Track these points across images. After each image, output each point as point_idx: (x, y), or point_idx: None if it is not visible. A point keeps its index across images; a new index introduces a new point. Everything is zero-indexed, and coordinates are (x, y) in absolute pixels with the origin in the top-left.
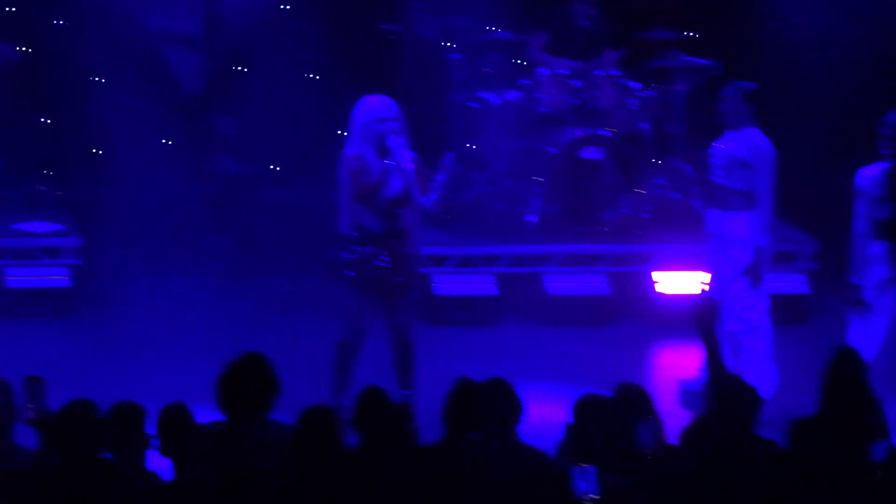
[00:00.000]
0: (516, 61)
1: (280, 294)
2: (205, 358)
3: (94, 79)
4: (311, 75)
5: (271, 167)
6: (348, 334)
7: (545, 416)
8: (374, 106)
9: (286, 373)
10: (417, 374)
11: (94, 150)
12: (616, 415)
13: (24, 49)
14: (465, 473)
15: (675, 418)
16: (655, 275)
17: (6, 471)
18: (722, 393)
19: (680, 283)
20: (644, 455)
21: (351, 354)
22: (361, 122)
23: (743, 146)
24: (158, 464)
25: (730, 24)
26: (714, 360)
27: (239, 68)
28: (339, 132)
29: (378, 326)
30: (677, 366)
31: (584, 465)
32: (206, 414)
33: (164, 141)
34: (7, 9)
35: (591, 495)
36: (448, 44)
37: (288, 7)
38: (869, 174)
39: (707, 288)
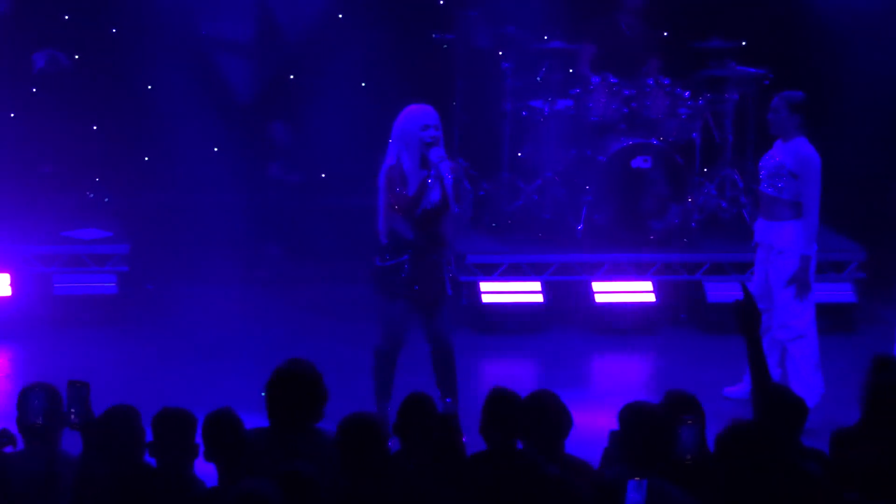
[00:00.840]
0: (568, 70)
1: (330, 301)
2: (253, 365)
3: (144, 86)
4: (364, 84)
5: (322, 175)
6: (385, 342)
7: (591, 423)
8: (416, 115)
9: (336, 380)
10: (464, 381)
11: (143, 158)
12: (662, 422)
13: (76, 56)
14: (511, 483)
15: (717, 426)
16: (706, 283)
17: (51, 475)
18: (769, 402)
19: (731, 291)
20: (684, 460)
21: (388, 362)
22: (402, 130)
23: (790, 156)
24: (204, 470)
25: (782, 33)
26: (758, 367)
27: (292, 76)
28: (391, 141)
29: (419, 334)
30: (723, 374)
31: (639, 478)
32: (255, 420)
33: (214, 148)
34: (60, 17)
35: None
36: (500, 53)
37: (341, 16)
38: None
39: (748, 293)
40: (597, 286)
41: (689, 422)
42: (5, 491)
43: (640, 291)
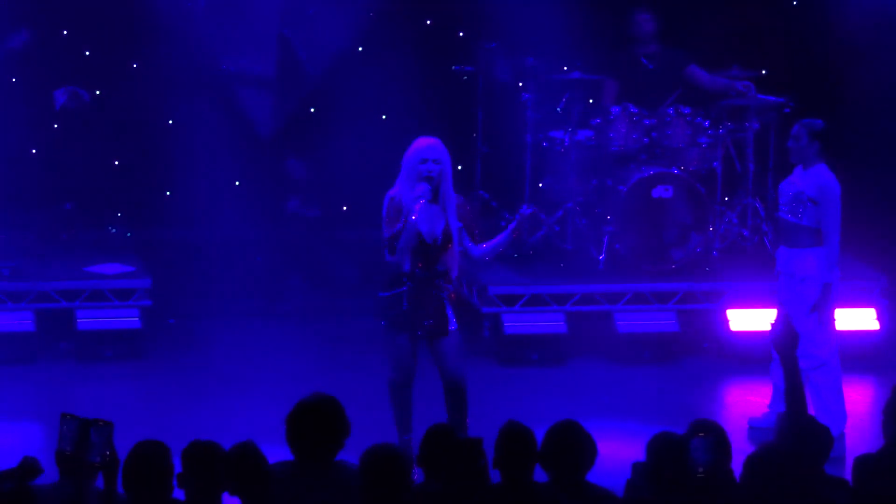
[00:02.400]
0: (588, 101)
1: (353, 333)
2: (277, 398)
3: (166, 121)
4: (385, 116)
5: (344, 208)
6: (395, 373)
7: (614, 453)
8: (418, 148)
9: (359, 412)
10: (487, 412)
11: (165, 192)
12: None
13: (97, 92)
14: None
15: (742, 456)
16: (730, 312)
17: None
18: (797, 431)
19: (755, 320)
20: (696, 473)
21: (403, 393)
22: (405, 163)
23: (810, 183)
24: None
25: (801, 61)
26: (795, 392)
27: (312, 110)
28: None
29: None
30: (746, 403)
31: None
32: (279, 453)
33: (236, 182)
34: (81, 53)
35: None
36: (520, 84)
37: (361, 49)
38: None
39: (788, 320)
40: (619, 316)
41: (702, 434)
42: None
43: (662, 321)
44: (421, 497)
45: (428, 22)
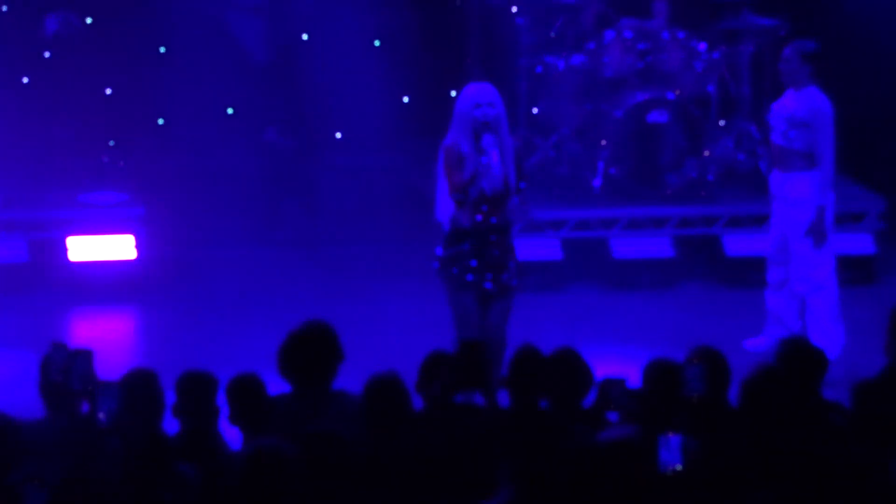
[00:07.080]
0: (582, 25)
1: (349, 260)
2: (274, 326)
3: (157, 48)
4: (378, 42)
5: (337, 135)
6: (463, 335)
7: None
8: (471, 93)
9: (356, 339)
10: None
11: (157, 120)
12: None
13: (87, 19)
14: (535, 442)
15: (738, 378)
16: (724, 237)
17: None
18: (789, 354)
19: (750, 245)
20: (690, 399)
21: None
22: (458, 111)
23: (802, 106)
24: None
25: None
26: None
27: (305, 36)
28: (405, 99)
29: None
30: (743, 327)
31: (669, 434)
32: (279, 381)
33: (228, 110)
34: None
35: (675, 466)
36: (514, 8)
37: None
38: None
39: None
40: (615, 241)
41: (695, 361)
42: (26, 457)
43: (658, 246)
44: (421, 423)
45: None
